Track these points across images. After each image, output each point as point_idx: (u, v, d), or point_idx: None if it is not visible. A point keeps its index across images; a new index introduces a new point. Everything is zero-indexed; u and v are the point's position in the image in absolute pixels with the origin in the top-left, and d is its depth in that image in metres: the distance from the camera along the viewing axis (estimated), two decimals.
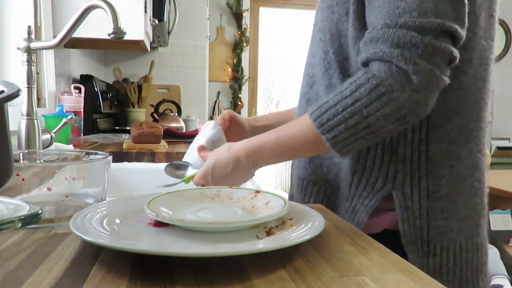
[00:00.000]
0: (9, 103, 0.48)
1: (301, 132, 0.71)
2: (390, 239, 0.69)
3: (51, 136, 1.16)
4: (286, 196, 0.78)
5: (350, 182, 0.76)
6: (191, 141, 0.93)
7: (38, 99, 1.61)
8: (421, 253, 0.72)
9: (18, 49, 1.02)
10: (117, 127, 2.55)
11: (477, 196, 0.76)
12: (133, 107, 2.97)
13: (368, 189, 0.74)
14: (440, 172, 0.72)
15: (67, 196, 0.58)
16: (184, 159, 0.89)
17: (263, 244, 0.44)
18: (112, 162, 0.66)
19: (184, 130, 2.44)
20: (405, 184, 0.72)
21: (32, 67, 1.02)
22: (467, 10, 0.65)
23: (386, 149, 0.73)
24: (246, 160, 0.75)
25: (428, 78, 0.62)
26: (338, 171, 0.80)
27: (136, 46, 2.13)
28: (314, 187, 0.83)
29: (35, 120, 1.03)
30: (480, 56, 0.73)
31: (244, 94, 4.53)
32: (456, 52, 0.64)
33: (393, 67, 0.63)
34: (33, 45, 1.02)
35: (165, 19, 2.43)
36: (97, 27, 1.59)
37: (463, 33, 0.64)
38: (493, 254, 2.02)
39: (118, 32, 0.97)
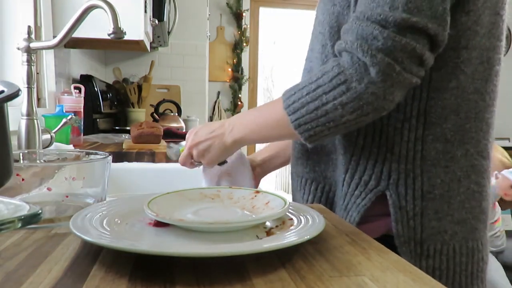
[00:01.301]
0: (9, 103, 0.48)
1: (273, 111, 0.73)
2: (391, 244, 0.69)
3: (51, 136, 1.16)
4: (286, 196, 0.77)
5: (343, 180, 0.75)
6: None
7: (38, 99, 1.61)
8: (414, 254, 0.71)
9: (18, 49, 1.02)
10: (117, 127, 2.55)
11: (475, 199, 0.73)
12: (133, 107, 2.97)
13: (361, 188, 0.73)
14: (435, 172, 0.71)
15: (67, 196, 0.58)
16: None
17: (263, 244, 0.44)
18: (112, 162, 0.66)
19: (184, 130, 2.44)
20: (399, 184, 0.71)
21: (32, 67, 1.03)
22: (447, 7, 0.63)
23: (381, 148, 0.72)
24: (228, 124, 0.79)
25: (385, 71, 0.61)
26: (335, 167, 0.79)
27: (136, 46, 2.13)
28: (312, 184, 0.82)
29: (35, 120, 1.03)
30: (481, 55, 0.71)
31: (244, 94, 4.53)
32: (422, 49, 0.62)
33: (354, 57, 0.63)
34: (33, 45, 1.02)
35: (165, 19, 2.43)
36: (97, 27, 1.58)
37: (438, 30, 0.62)
38: (495, 270, 1.90)
39: (118, 32, 0.97)
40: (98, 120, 2.29)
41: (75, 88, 1.73)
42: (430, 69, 0.68)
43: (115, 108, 2.71)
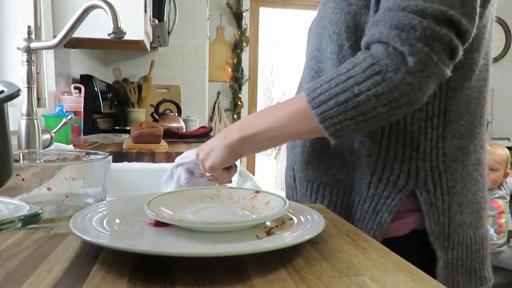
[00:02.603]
0: (9, 103, 0.48)
1: (293, 106, 0.69)
2: (420, 239, 0.74)
3: (51, 136, 1.16)
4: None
5: (369, 182, 0.75)
6: (191, 141, 0.93)
7: (38, 99, 1.61)
8: (443, 248, 0.73)
9: (18, 49, 1.02)
10: (117, 127, 2.55)
11: (480, 190, 0.78)
12: (133, 107, 2.97)
13: (390, 188, 0.73)
14: (455, 167, 0.74)
15: (67, 196, 0.58)
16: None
17: (263, 244, 0.44)
18: (112, 162, 0.66)
19: (184, 130, 2.44)
20: (428, 181, 0.73)
21: (32, 67, 1.02)
22: (477, 8, 0.64)
23: (406, 147, 0.73)
24: (236, 125, 0.75)
25: (424, 61, 0.61)
26: (351, 170, 0.77)
27: (136, 46, 2.13)
28: (326, 189, 0.79)
29: (35, 120, 1.03)
30: (484, 56, 0.75)
31: (244, 94, 4.53)
32: (457, 42, 0.62)
33: (390, 48, 0.62)
34: (33, 45, 1.02)
35: (165, 19, 2.43)
36: (97, 27, 1.59)
37: (469, 27, 0.63)
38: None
39: (118, 32, 0.97)
40: (98, 120, 2.29)
41: (75, 88, 1.73)
42: None
43: (115, 108, 2.71)
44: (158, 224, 0.51)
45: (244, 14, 4.42)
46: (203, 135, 2.13)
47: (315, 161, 0.81)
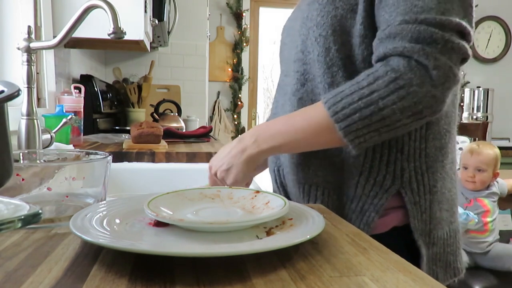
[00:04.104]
0: (9, 103, 0.48)
1: (313, 119, 0.71)
2: (401, 235, 0.76)
3: (51, 136, 1.16)
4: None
5: (356, 183, 0.76)
6: (191, 141, 0.94)
7: (38, 99, 1.61)
8: (425, 244, 0.76)
9: (18, 49, 1.02)
10: (117, 127, 2.55)
11: (454, 186, 0.83)
12: (133, 107, 2.97)
13: (376, 189, 0.75)
14: (435, 167, 0.77)
15: (67, 196, 0.58)
16: None
17: (263, 244, 0.44)
18: (112, 162, 0.66)
19: (184, 130, 2.44)
20: (412, 181, 0.75)
21: (32, 67, 1.02)
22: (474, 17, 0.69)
23: (392, 148, 0.75)
24: (249, 137, 0.76)
25: (447, 74, 0.64)
26: (339, 171, 0.79)
27: (136, 46, 2.13)
28: (318, 190, 0.80)
29: (35, 120, 1.03)
30: None
31: (244, 94, 4.53)
32: (469, 52, 0.66)
33: (412, 62, 0.64)
34: (33, 45, 1.02)
35: (165, 19, 2.43)
36: (97, 27, 1.59)
37: (472, 36, 0.68)
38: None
39: (118, 32, 0.97)
40: (98, 120, 2.29)
41: (75, 88, 1.73)
42: None
43: (115, 108, 2.71)
44: (158, 224, 0.51)
45: (244, 14, 4.41)
46: (203, 135, 2.13)
47: (304, 163, 0.82)
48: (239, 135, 0.78)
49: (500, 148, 4.48)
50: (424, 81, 0.63)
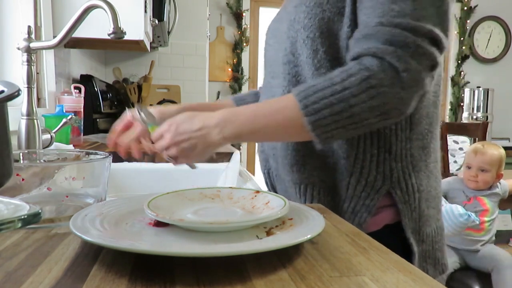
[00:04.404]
0: (9, 103, 0.48)
1: (282, 110, 0.69)
2: (393, 233, 0.78)
3: (51, 136, 1.16)
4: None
5: (347, 183, 0.77)
6: None
7: (38, 99, 1.61)
8: (416, 241, 0.78)
9: (18, 49, 1.02)
10: None
11: (438, 185, 0.85)
12: (133, 107, 2.96)
13: (368, 189, 0.76)
14: (420, 166, 0.79)
15: (67, 196, 0.58)
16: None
17: (263, 244, 0.44)
18: (112, 162, 0.66)
19: None
20: (400, 181, 0.77)
21: (32, 67, 1.02)
22: (450, 24, 0.70)
23: (380, 149, 0.76)
24: (216, 121, 0.71)
25: (416, 77, 0.65)
26: (332, 171, 0.79)
27: (136, 46, 2.13)
28: (314, 189, 0.81)
29: (35, 120, 1.03)
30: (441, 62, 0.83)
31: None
32: (439, 58, 0.68)
33: (385, 63, 0.65)
34: (33, 45, 1.02)
35: (165, 19, 2.43)
36: (97, 27, 1.59)
37: (446, 44, 0.69)
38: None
39: (118, 32, 0.97)
40: (98, 120, 2.29)
41: (75, 88, 1.73)
42: None
43: (115, 108, 2.71)
44: (158, 224, 0.51)
45: (244, 14, 4.41)
46: None
47: (300, 163, 0.81)
48: (202, 113, 0.73)
49: None
50: (394, 82, 0.65)
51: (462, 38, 4.72)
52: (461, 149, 3.30)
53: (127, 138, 0.85)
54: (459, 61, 4.75)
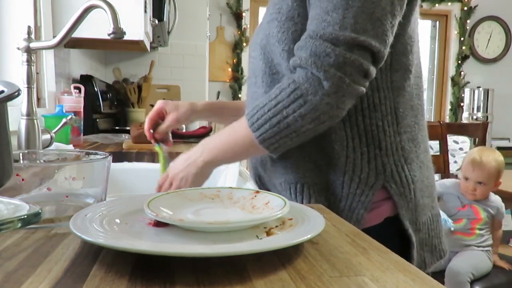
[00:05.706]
0: (9, 103, 0.48)
1: (238, 130, 0.80)
2: (394, 225, 0.80)
3: (51, 136, 1.16)
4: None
5: (342, 183, 0.79)
6: (191, 141, 0.96)
7: (38, 99, 1.61)
8: (414, 231, 0.81)
9: (18, 49, 1.02)
10: (117, 127, 2.55)
11: (431, 174, 0.89)
12: (133, 107, 2.96)
13: (362, 186, 0.79)
14: (411, 158, 0.82)
15: (67, 196, 0.58)
16: None
17: (263, 244, 0.44)
18: (112, 162, 0.66)
19: (184, 130, 2.44)
20: (394, 174, 0.80)
21: (32, 67, 1.03)
22: (389, 29, 0.73)
23: (370, 146, 0.79)
24: (197, 149, 0.84)
25: (337, 84, 0.70)
26: (325, 173, 0.81)
27: (136, 46, 2.13)
28: (311, 189, 0.81)
29: (35, 120, 1.03)
30: (418, 56, 0.86)
31: (244, 94, 4.53)
32: (367, 64, 0.71)
33: (308, 73, 0.71)
34: (33, 45, 1.02)
35: (165, 19, 2.43)
36: (97, 27, 1.59)
37: (381, 47, 0.72)
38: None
39: (118, 32, 0.97)
40: (98, 120, 2.29)
41: (75, 88, 1.73)
42: (391, 72, 0.80)
43: (115, 108, 2.71)
44: (158, 224, 0.51)
45: (244, 14, 4.42)
46: (203, 135, 2.13)
47: (293, 163, 0.83)
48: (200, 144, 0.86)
49: (500, 148, 4.50)
50: (318, 90, 0.71)
51: (462, 38, 4.72)
52: (461, 149, 3.30)
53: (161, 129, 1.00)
54: (459, 61, 4.76)
